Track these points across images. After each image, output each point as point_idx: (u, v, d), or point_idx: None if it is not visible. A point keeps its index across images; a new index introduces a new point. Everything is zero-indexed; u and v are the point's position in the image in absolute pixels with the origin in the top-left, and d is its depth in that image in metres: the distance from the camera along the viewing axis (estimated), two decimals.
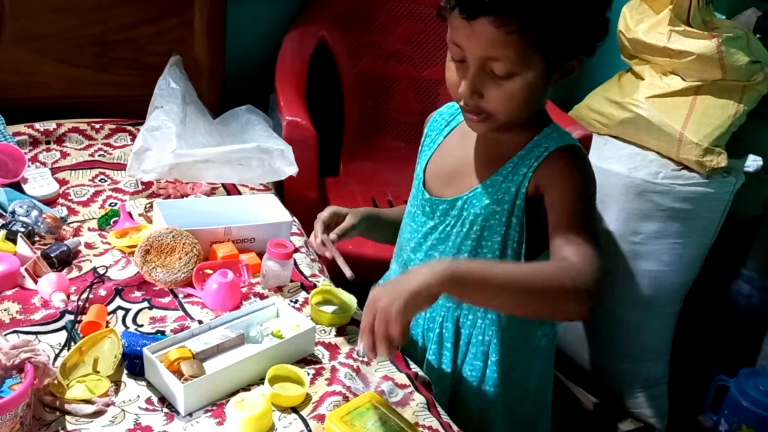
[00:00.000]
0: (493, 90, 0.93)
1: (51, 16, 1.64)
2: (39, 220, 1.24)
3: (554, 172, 0.99)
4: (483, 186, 1.04)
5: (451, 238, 1.08)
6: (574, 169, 0.99)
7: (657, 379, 1.95)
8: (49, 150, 1.55)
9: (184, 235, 1.20)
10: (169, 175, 1.41)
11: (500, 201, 1.02)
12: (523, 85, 0.92)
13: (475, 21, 0.89)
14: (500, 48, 0.89)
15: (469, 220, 1.05)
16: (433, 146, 1.13)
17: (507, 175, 1.02)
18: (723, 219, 1.83)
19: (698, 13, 1.70)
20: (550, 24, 0.88)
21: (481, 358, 1.12)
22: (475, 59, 0.92)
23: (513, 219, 1.02)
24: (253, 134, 1.58)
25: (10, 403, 0.83)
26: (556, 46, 0.91)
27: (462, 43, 0.92)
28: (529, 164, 1.00)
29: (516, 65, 0.90)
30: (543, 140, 1.02)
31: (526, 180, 1.00)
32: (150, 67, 1.69)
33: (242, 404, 0.92)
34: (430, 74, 2.07)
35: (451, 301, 1.11)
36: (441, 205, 1.08)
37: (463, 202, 1.06)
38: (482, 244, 1.05)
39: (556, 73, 0.95)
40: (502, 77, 0.92)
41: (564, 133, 1.04)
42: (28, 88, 1.67)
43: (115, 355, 0.99)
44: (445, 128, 1.14)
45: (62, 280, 1.14)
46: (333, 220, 1.16)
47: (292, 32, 1.94)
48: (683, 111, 1.74)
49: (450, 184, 1.09)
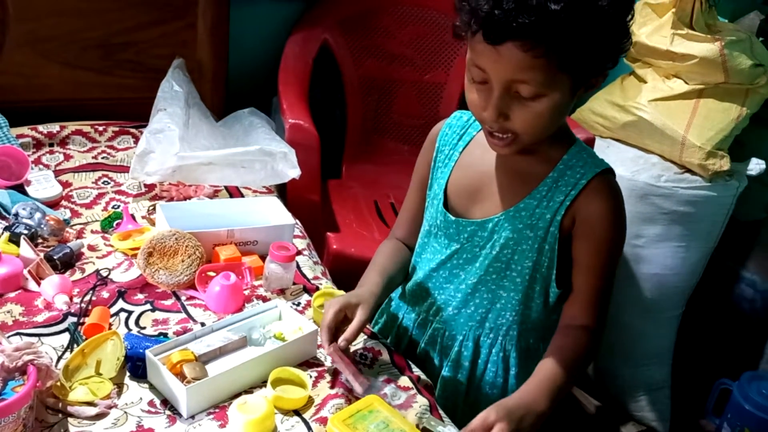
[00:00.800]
0: (520, 111, 0.91)
1: (55, 19, 1.64)
2: (42, 223, 1.25)
3: (593, 213, 0.98)
4: (516, 209, 1.01)
5: (479, 259, 1.06)
6: (613, 215, 0.99)
7: (659, 382, 1.95)
8: (53, 152, 1.56)
9: (187, 237, 1.20)
10: (172, 177, 1.41)
11: (534, 227, 1.01)
12: (550, 105, 0.90)
13: (501, 46, 0.86)
14: (528, 71, 0.87)
15: (500, 243, 1.03)
16: (450, 163, 1.09)
17: (541, 200, 1.00)
18: (726, 223, 1.83)
19: (701, 16, 1.70)
20: (577, 45, 0.85)
21: (502, 375, 1.11)
22: (501, 82, 0.89)
23: (545, 245, 1.01)
24: (255, 137, 1.59)
25: (13, 405, 0.83)
26: (583, 65, 0.89)
27: (486, 67, 0.89)
28: (566, 192, 0.99)
29: (543, 87, 0.88)
30: (575, 161, 1.00)
31: (562, 209, 0.99)
32: (153, 69, 1.70)
33: (245, 407, 0.92)
34: (432, 77, 2.07)
35: (473, 320, 1.09)
36: (469, 227, 1.05)
37: (493, 225, 1.03)
38: (512, 267, 1.04)
39: (582, 88, 0.93)
40: (529, 98, 0.90)
41: (592, 153, 1.03)
42: (31, 91, 1.67)
43: (118, 358, 0.99)
44: (458, 142, 1.10)
45: (65, 282, 1.14)
46: (339, 318, 1.01)
47: (295, 35, 1.95)
48: (686, 114, 1.74)
49: (476, 203, 1.06)
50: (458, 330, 1.11)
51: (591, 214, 0.99)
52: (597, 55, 0.89)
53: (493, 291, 1.07)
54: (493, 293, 1.07)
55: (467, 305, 1.09)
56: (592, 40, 0.86)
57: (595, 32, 0.86)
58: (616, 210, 1.00)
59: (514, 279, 1.05)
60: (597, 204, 0.99)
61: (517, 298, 1.06)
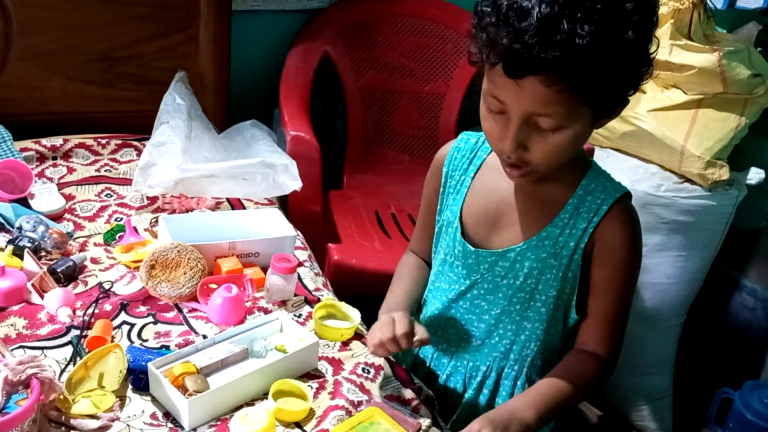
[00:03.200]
0: (539, 143, 0.88)
1: (58, 32, 1.66)
2: (45, 236, 1.26)
3: (613, 240, 0.97)
4: (539, 238, 1.00)
5: (502, 289, 1.04)
6: (631, 241, 0.98)
7: (661, 391, 1.95)
8: (56, 165, 1.57)
9: (189, 249, 1.21)
10: (174, 189, 1.42)
11: (558, 255, 0.99)
12: (571, 136, 0.88)
13: (523, 80, 0.83)
14: (550, 106, 0.84)
15: (524, 273, 1.01)
16: (462, 189, 1.06)
17: (564, 228, 0.99)
18: (726, 232, 1.83)
19: (699, 27, 1.72)
20: (601, 78, 0.83)
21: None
22: (520, 114, 0.87)
23: (569, 273, 1.00)
24: (257, 149, 1.60)
25: (17, 419, 0.84)
26: (606, 96, 0.87)
27: (506, 100, 0.87)
28: (588, 218, 0.98)
29: (565, 120, 0.86)
30: (594, 186, 0.99)
31: (585, 236, 0.98)
32: (155, 82, 1.71)
33: (246, 419, 0.92)
34: (433, 88, 2.08)
35: (497, 351, 1.08)
36: (489, 257, 1.03)
37: (515, 254, 1.01)
38: (536, 297, 1.02)
39: (602, 119, 0.91)
40: (549, 130, 0.87)
41: (609, 176, 1.02)
42: (35, 104, 1.69)
43: (120, 370, 1.00)
44: (468, 167, 1.07)
45: (68, 295, 1.14)
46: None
47: (296, 47, 1.96)
48: (685, 124, 1.75)
49: (495, 232, 1.04)
50: (482, 361, 1.09)
51: (611, 241, 0.98)
52: (620, 86, 0.87)
53: (517, 322, 1.05)
54: (518, 324, 1.05)
55: (491, 336, 1.07)
56: (616, 73, 0.84)
57: (620, 64, 0.83)
58: (634, 236, 0.99)
59: (539, 309, 1.03)
60: (617, 231, 0.98)
61: (542, 328, 1.05)
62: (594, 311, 1.01)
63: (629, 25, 0.82)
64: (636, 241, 1.00)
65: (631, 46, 0.83)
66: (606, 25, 0.80)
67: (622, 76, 0.86)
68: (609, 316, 1.01)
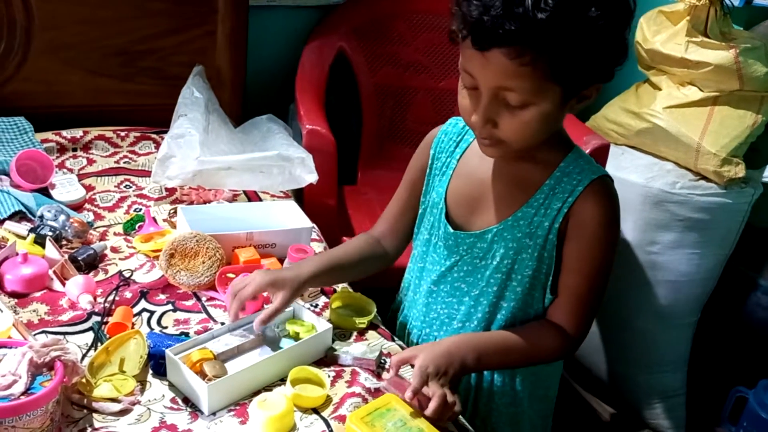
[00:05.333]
0: (507, 119, 0.90)
1: (78, 27, 1.68)
2: (66, 225, 1.27)
3: (586, 216, 0.98)
4: (514, 218, 1.01)
5: (480, 271, 1.06)
6: (606, 217, 0.99)
7: (674, 389, 1.94)
8: (76, 157, 1.59)
9: (208, 239, 1.22)
10: (192, 181, 1.44)
11: (533, 235, 1.00)
12: (538, 114, 0.89)
13: (489, 52, 0.85)
14: (514, 79, 0.86)
15: (500, 253, 1.03)
16: (448, 171, 1.09)
17: (539, 208, 1.00)
18: (741, 230, 1.82)
19: (716, 24, 1.71)
20: (566, 55, 0.84)
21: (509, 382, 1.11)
22: (488, 89, 0.89)
23: (544, 253, 1.01)
24: (273, 143, 1.61)
25: (41, 399, 0.85)
26: (573, 75, 0.88)
27: (475, 73, 0.89)
28: (563, 198, 0.99)
29: (531, 95, 0.88)
30: (572, 168, 1.00)
31: (560, 216, 0.99)
32: (173, 77, 1.73)
33: (265, 404, 0.93)
34: (447, 84, 2.09)
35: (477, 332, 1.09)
36: (468, 238, 1.05)
37: (492, 235, 1.03)
38: (512, 277, 1.04)
39: (573, 100, 0.92)
40: (516, 106, 0.89)
41: (589, 159, 1.02)
42: (55, 97, 1.71)
43: (141, 356, 1.01)
44: (455, 150, 1.09)
45: (89, 282, 1.16)
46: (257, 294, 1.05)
47: (312, 43, 1.98)
48: (701, 121, 1.75)
49: (475, 214, 1.06)
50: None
51: (583, 218, 0.99)
52: (587, 66, 0.88)
53: (494, 303, 1.07)
54: (495, 305, 1.07)
55: (470, 318, 1.09)
56: (580, 51, 0.85)
57: (583, 43, 0.85)
58: (608, 214, 0.99)
59: (515, 289, 1.04)
60: (590, 206, 0.98)
61: (518, 307, 1.06)
62: (563, 288, 1.02)
63: (592, 3, 0.84)
64: (611, 219, 1.00)
65: (596, 26, 0.84)
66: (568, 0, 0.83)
67: (587, 55, 0.86)
68: (578, 293, 1.02)
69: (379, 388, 1.01)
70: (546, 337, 1.03)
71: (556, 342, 1.03)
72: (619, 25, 0.88)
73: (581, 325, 1.03)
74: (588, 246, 1.00)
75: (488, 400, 1.13)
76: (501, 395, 1.12)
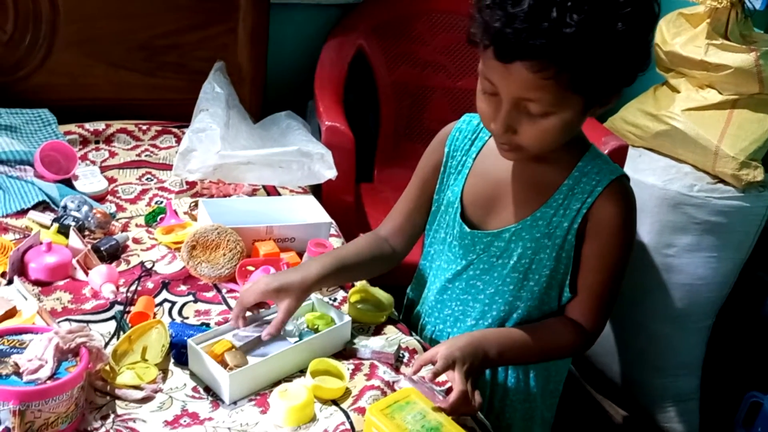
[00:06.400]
0: (528, 126, 0.90)
1: (102, 21, 1.70)
2: (89, 215, 1.29)
3: (605, 216, 0.99)
4: (533, 218, 1.01)
5: (497, 269, 1.06)
6: (623, 218, 0.99)
7: (688, 393, 1.94)
8: (98, 149, 1.61)
9: (229, 232, 1.24)
10: (213, 175, 1.45)
11: (551, 235, 1.01)
12: (559, 122, 0.89)
13: (511, 64, 0.84)
14: (536, 91, 0.86)
15: (517, 253, 1.03)
16: (464, 170, 1.08)
17: (558, 209, 1.00)
18: (759, 233, 1.82)
19: (736, 26, 1.71)
20: (589, 67, 0.83)
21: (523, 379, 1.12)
22: (509, 99, 0.88)
23: (563, 253, 1.02)
24: (293, 139, 1.62)
25: (67, 384, 0.87)
26: (597, 86, 0.87)
27: (495, 81, 0.89)
28: (582, 199, 0.99)
29: (552, 106, 0.87)
30: (590, 168, 1.00)
31: (579, 217, 0.99)
32: (195, 72, 1.75)
33: (285, 394, 0.94)
34: (465, 84, 2.10)
35: None
36: (485, 238, 1.05)
37: (510, 234, 1.03)
38: (529, 277, 1.04)
39: (596, 106, 0.92)
40: (537, 115, 0.89)
41: (606, 159, 1.03)
42: (79, 90, 1.73)
43: (163, 345, 1.03)
44: (470, 149, 1.09)
45: (112, 272, 1.18)
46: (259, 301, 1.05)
47: (331, 41, 1.99)
48: (720, 124, 1.74)
49: (492, 214, 1.06)
50: None
51: (602, 218, 0.99)
52: (611, 76, 0.87)
53: (509, 302, 1.07)
54: (510, 304, 1.07)
55: (485, 317, 1.09)
56: (604, 62, 0.84)
57: (607, 53, 0.84)
58: (626, 214, 1.00)
59: (532, 288, 1.05)
60: (609, 208, 0.99)
61: (534, 305, 1.06)
62: (582, 287, 1.04)
63: (619, 18, 0.83)
64: (628, 219, 1.01)
65: (622, 39, 0.84)
66: (595, 15, 0.81)
67: (612, 67, 0.86)
68: (597, 291, 1.03)
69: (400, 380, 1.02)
70: (564, 333, 1.04)
71: (574, 338, 1.04)
72: (644, 32, 0.88)
73: (599, 321, 1.05)
74: (607, 245, 1.01)
75: (503, 396, 1.14)
76: (515, 392, 1.13)
